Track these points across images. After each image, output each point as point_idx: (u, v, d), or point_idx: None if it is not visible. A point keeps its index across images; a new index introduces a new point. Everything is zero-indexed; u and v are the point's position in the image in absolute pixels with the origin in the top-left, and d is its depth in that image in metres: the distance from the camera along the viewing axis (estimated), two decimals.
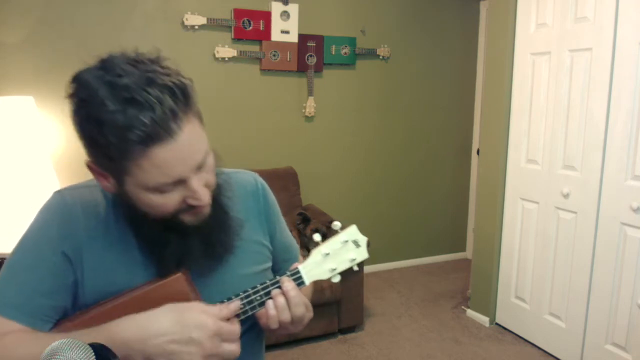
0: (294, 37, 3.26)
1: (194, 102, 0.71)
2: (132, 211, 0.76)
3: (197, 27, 3.04)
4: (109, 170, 0.71)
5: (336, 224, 0.89)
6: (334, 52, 3.42)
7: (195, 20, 3.00)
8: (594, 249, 2.33)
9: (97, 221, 0.80)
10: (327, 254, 0.88)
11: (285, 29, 3.22)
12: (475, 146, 4.03)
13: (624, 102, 2.14)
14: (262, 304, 0.83)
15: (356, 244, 0.90)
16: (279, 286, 0.83)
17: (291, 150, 3.45)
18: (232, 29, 3.11)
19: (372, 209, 3.79)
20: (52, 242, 0.78)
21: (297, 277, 0.86)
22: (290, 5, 3.20)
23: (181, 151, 0.69)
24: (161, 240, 0.78)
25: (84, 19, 2.80)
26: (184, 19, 2.98)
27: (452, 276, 3.79)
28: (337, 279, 0.89)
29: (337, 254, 0.88)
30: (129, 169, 0.68)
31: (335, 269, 0.88)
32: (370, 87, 3.63)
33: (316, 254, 0.88)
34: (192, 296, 0.78)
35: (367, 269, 3.78)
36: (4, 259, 2.20)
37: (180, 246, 0.79)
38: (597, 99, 2.26)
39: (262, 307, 0.83)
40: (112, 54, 0.69)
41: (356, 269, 0.90)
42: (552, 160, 2.53)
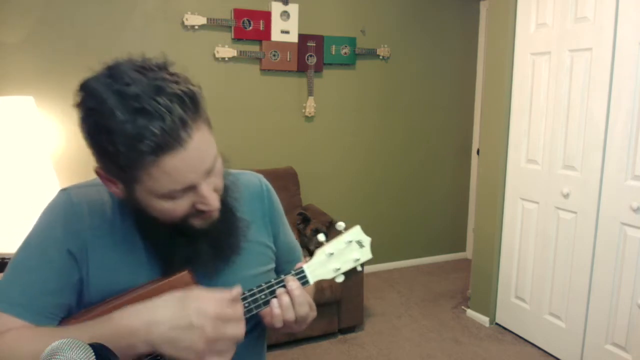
0: (294, 37, 3.26)
1: (202, 109, 0.71)
2: (141, 215, 0.76)
3: (197, 27, 3.04)
4: (118, 177, 0.72)
5: (340, 225, 0.90)
6: (334, 52, 3.43)
7: (195, 20, 3.00)
8: (594, 249, 2.34)
9: (103, 220, 0.81)
10: (331, 254, 0.88)
11: (285, 29, 3.22)
12: (475, 146, 4.03)
13: (624, 102, 2.15)
14: (267, 303, 0.83)
15: (360, 244, 0.90)
16: (284, 285, 0.84)
17: (291, 150, 3.45)
18: (232, 29, 3.11)
19: (372, 209, 3.79)
20: (57, 242, 0.78)
21: (302, 277, 0.86)
22: (290, 5, 3.20)
23: (191, 158, 0.69)
24: (169, 243, 0.78)
25: (84, 19, 2.80)
26: (184, 19, 2.98)
27: (452, 276, 3.80)
28: (341, 279, 0.89)
29: (341, 254, 0.89)
30: (138, 177, 0.68)
31: (339, 269, 0.89)
32: (370, 87, 3.63)
33: (320, 254, 0.88)
34: None
35: (367, 269, 3.78)
36: (4, 259, 2.19)
37: (188, 249, 0.79)
38: (597, 99, 2.27)
39: (266, 305, 0.84)
40: (119, 61, 0.69)
41: (360, 269, 0.90)
42: (552, 160, 2.54)
